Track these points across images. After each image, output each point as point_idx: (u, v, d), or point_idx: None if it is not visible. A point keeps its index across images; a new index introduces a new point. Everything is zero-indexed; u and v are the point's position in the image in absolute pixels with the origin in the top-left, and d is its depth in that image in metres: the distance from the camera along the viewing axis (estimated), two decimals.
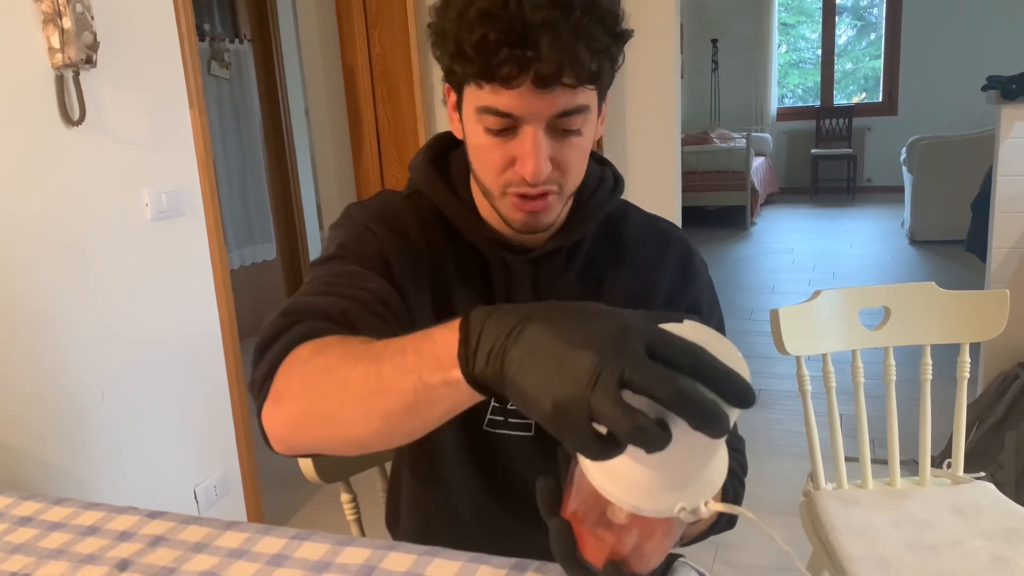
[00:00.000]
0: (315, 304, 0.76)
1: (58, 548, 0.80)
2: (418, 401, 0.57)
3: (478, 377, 0.53)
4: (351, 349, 0.64)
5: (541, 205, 0.81)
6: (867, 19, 8.42)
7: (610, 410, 0.46)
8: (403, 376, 0.57)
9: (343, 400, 0.62)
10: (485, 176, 0.82)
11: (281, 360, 0.70)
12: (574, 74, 0.73)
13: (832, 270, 5.25)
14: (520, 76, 0.72)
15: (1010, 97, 2.43)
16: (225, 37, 4.05)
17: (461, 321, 0.55)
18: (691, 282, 0.95)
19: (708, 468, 0.53)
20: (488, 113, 0.76)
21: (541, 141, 0.76)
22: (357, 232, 0.88)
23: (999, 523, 1.33)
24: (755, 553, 2.09)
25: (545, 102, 0.74)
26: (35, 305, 1.70)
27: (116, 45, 1.85)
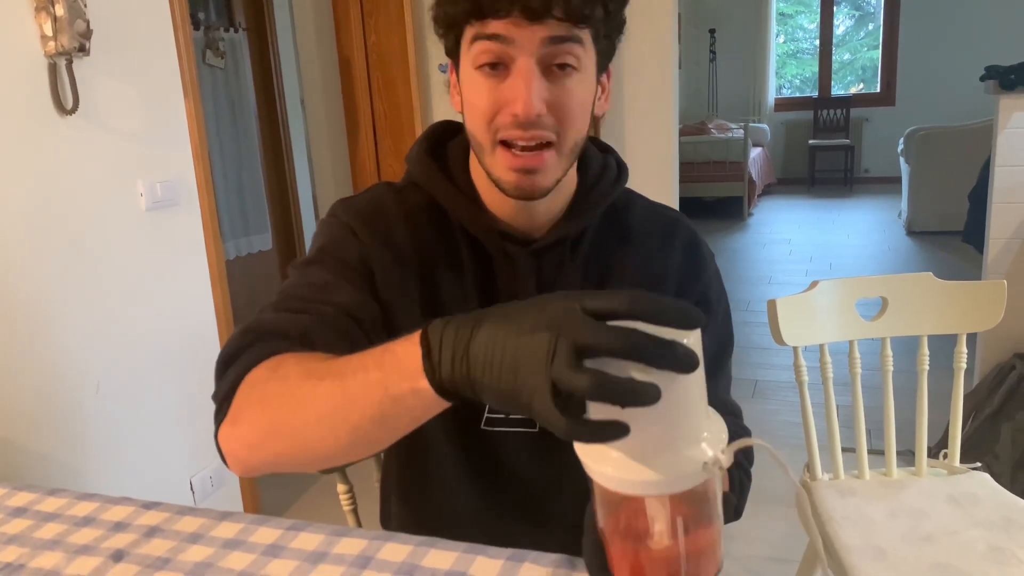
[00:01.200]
0: (276, 323, 0.77)
1: (53, 539, 0.80)
2: (384, 413, 0.59)
3: (446, 384, 0.54)
4: (311, 367, 0.65)
5: (536, 161, 0.78)
6: (865, 9, 8.40)
7: (568, 375, 0.47)
8: (368, 390, 0.59)
9: (307, 417, 0.63)
10: (477, 127, 0.79)
11: (239, 381, 0.71)
12: (563, 9, 0.73)
13: (829, 261, 5.25)
14: (509, 6, 0.72)
15: (1008, 87, 2.42)
16: (220, 26, 4.02)
17: (421, 334, 0.57)
18: (700, 272, 0.94)
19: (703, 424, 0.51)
20: (480, 40, 0.75)
21: (533, 72, 0.75)
22: (339, 234, 0.87)
23: (995, 513, 1.33)
24: (754, 544, 2.09)
25: (539, 30, 0.74)
26: (29, 296, 1.69)
27: (110, 33, 1.83)
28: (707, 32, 8.30)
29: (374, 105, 3.06)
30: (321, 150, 3.21)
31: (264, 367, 0.70)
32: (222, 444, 0.71)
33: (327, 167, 3.20)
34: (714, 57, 8.34)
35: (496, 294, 0.88)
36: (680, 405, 0.49)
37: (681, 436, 0.49)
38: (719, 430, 0.52)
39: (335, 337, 0.77)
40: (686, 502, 0.51)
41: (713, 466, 0.49)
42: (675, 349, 0.47)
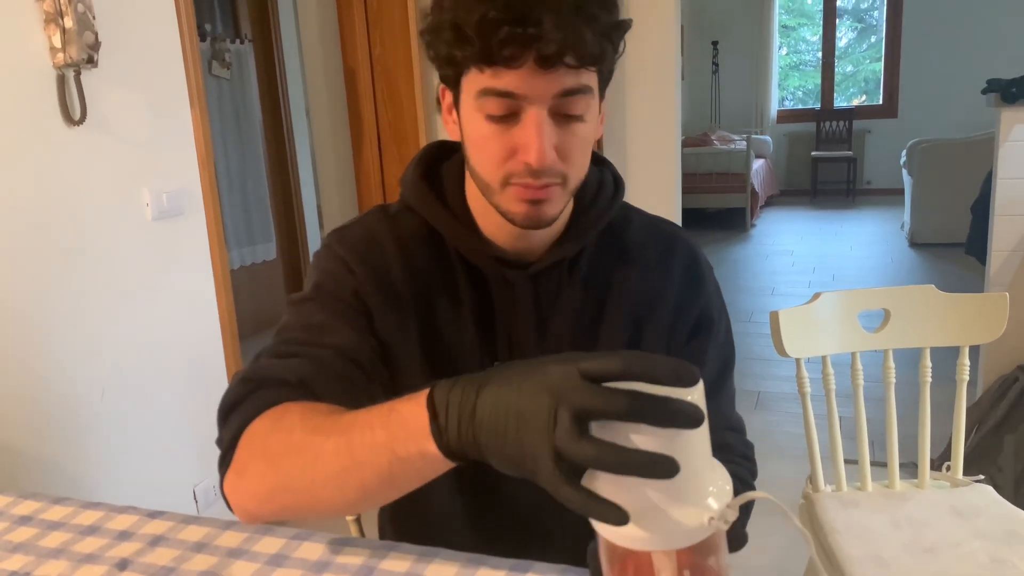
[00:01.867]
0: (274, 370, 0.78)
1: (57, 547, 0.80)
2: (393, 474, 0.60)
3: (453, 447, 0.55)
4: (317, 423, 0.66)
5: (544, 194, 0.77)
6: (868, 22, 8.42)
7: (571, 444, 0.48)
8: (376, 451, 0.60)
9: (315, 476, 0.64)
10: (485, 169, 0.78)
11: (241, 431, 0.72)
12: (577, 54, 0.71)
13: (832, 272, 5.25)
14: (522, 56, 0.70)
15: (1010, 100, 2.43)
16: (226, 37, 4.05)
17: (427, 397, 0.57)
18: (699, 289, 0.92)
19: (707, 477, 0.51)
20: (489, 95, 0.73)
21: (545, 124, 0.73)
22: (335, 269, 0.86)
23: (998, 525, 1.33)
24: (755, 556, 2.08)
25: (548, 81, 0.72)
26: (35, 304, 1.70)
27: (117, 45, 1.85)
28: (710, 44, 8.32)
29: (379, 115, 3.08)
30: (326, 160, 3.22)
31: (267, 418, 0.71)
32: (228, 495, 0.72)
33: (332, 177, 3.22)
34: (717, 69, 8.36)
35: (494, 320, 0.87)
36: (685, 460, 0.49)
37: (687, 491, 0.49)
38: (724, 482, 0.52)
39: (333, 381, 0.78)
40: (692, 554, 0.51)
41: (719, 520, 0.49)
42: (677, 407, 0.47)
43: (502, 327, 0.88)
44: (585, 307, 0.89)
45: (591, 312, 0.89)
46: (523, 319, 0.87)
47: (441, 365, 0.87)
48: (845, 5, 8.33)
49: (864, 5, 8.42)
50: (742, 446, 0.95)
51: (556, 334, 0.88)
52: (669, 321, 0.90)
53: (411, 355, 0.87)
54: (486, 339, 0.88)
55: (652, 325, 0.90)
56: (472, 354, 0.87)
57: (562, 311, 0.88)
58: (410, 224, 0.89)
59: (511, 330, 0.88)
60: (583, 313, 0.89)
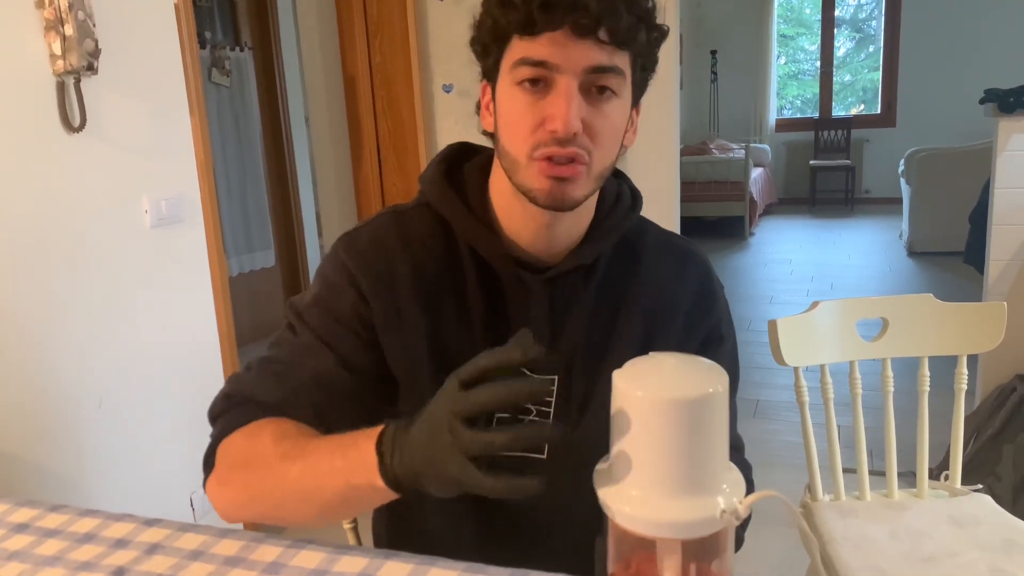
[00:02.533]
0: (255, 391, 0.84)
1: (54, 555, 0.80)
2: (348, 498, 0.70)
3: (400, 482, 0.65)
4: (286, 451, 0.74)
5: (569, 171, 0.78)
6: (866, 31, 8.46)
7: (469, 441, 0.58)
8: (334, 478, 0.69)
9: (283, 496, 0.75)
10: (514, 142, 0.80)
11: (219, 442, 0.82)
12: (610, 29, 0.75)
13: (830, 281, 5.25)
14: (560, 21, 0.74)
15: (1007, 110, 2.44)
16: (226, 45, 4.06)
17: (378, 439, 0.66)
18: (712, 306, 0.93)
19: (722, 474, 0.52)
20: (524, 64, 0.77)
21: (574, 93, 0.76)
22: (337, 282, 0.87)
23: (996, 535, 1.33)
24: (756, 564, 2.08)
25: (580, 51, 0.75)
26: (34, 311, 1.70)
27: (117, 52, 1.85)
28: (708, 53, 8.35)
29: (378, 124, 3.08)
30: (325, 168, 3.23)
31: (242, 435, 0.80)
32: (210, 498, 0.81)
33: (331, 185, 3.22)
34: (715, 78, 8.39)
35: (508, 323, 0.87)
36: (702, 453, 0.49)
37: (701, 483, 0.50)
38: (738, 484, 0.52)
39: (307, 407, 0.83)
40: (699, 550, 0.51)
41: (730, 515, 0.49)
42: (520, 387, 0.57)
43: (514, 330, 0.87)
44: (598, 315, 0.89)
45: (604, 320, 0.89)
46: (537, 323, 0.87)
47: (447, 369, 0.86)
48: (843, 15, 8.37)
49: (862, 15, 8.46)
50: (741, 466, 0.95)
51: (569, 339, 0.88)
52: (680, 334, 0.91)
53: (418, 361, 0.87)
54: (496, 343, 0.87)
55: (663, 337, 0.90)
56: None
57: (576, 317, 0.88)
58: (422, 222, 0.90)
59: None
60: (596, 321, 0.89)
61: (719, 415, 0.50)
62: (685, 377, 0.50)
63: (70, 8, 1.65)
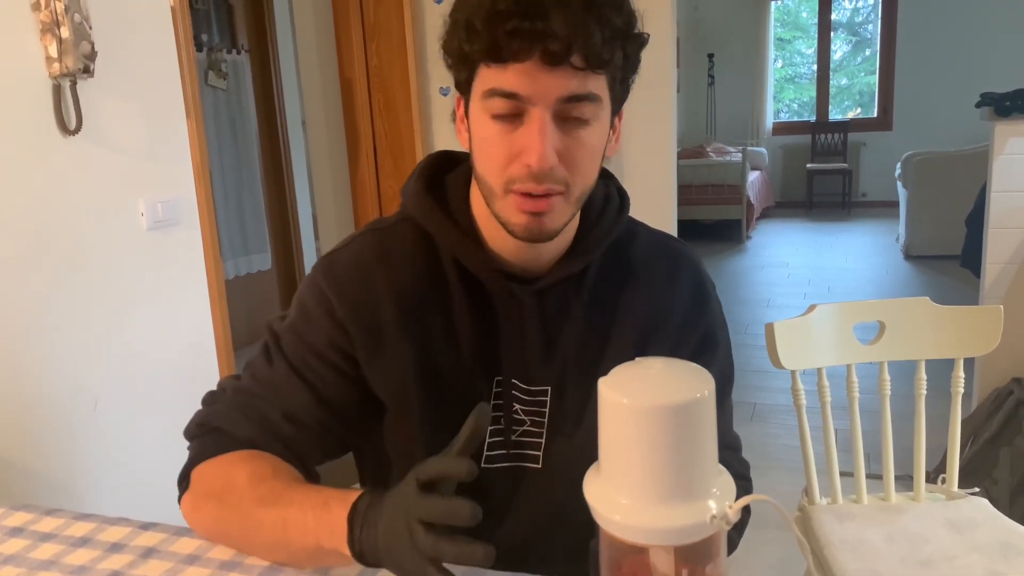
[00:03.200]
0: (226, 424, 0.86)
1: (49, 559, 0.80)
2: (315, 554, 0.72)
3: (366, 558, 0.67)
4: (261, 496, 0.76)
5: (544, 205, 0.76)
6: (862, 35, 8.48)
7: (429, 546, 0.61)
8: (304, 535, 0.71)
9: (253, 538, 0.77)
10: (489, 172, 0.77)
11: (194, 465, 0.85)
12: (584, 55, 0.70)
13: (827, 284, 5.26)
14: (529, 50, 0.70)
15: (1004, 114, 2.44)
16: (222, 48, 4.05)
17: (350, 512, 0.68)
18: (705, 308, 0.92)
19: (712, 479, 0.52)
20: (495, 96, 0.73)
21: (547, 125, 0.73)
22: (314, 313, 0.85)
23: (993, 538, 1.33)
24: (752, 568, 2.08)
25: (553, 81, 0.71)
26: (29, 313, 1.70)
27: (114, 55, 1.85)
28: (706, 56, 8.37)
29: (375, 126, 3.08)
30: (322, 171, 3.22)
31: (215, 466, 0.83)
32: (184, 516, 0.85)
33: (327, 188, 3.22)
34: (712, 81, 8.41)
35: (497, 337, 0.86)
36: (691, 459, 0.49)
37: (691, 489, 0.50)
38: (727, 487, 0.52)
39: (277, 443, 0.84)
40: (691, 556, 0.51)
41: (720, 520, 0.49)
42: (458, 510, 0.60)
43: (506, 344, 0.86)
44: (591, 323, 0.88)
45: (597, 329, 0.88)
46: (529, 335, 0.86)
47: (435, 388, 0.86)
48: (840, 18, 8.39)
49: (858, 18, 8.48)
50: (738, 464, 0.95)
51: (562, 351, 0.87)
52: (674, 338, 0.90)
53: (405, 384, 0.85)
54: (486, 357, 0.86)
55: (657, 342, 0.89)
56: (468, 375, 0.86)
57: (568, 327, 0.87)
58: (404, 239, 0.87)
59: (516, 345, 0.86)
60: (590, 330, 0.88)
61: (706, 420, 0.50)
62: (670, 383, 0.50)
63: (66, 11, 1.65)
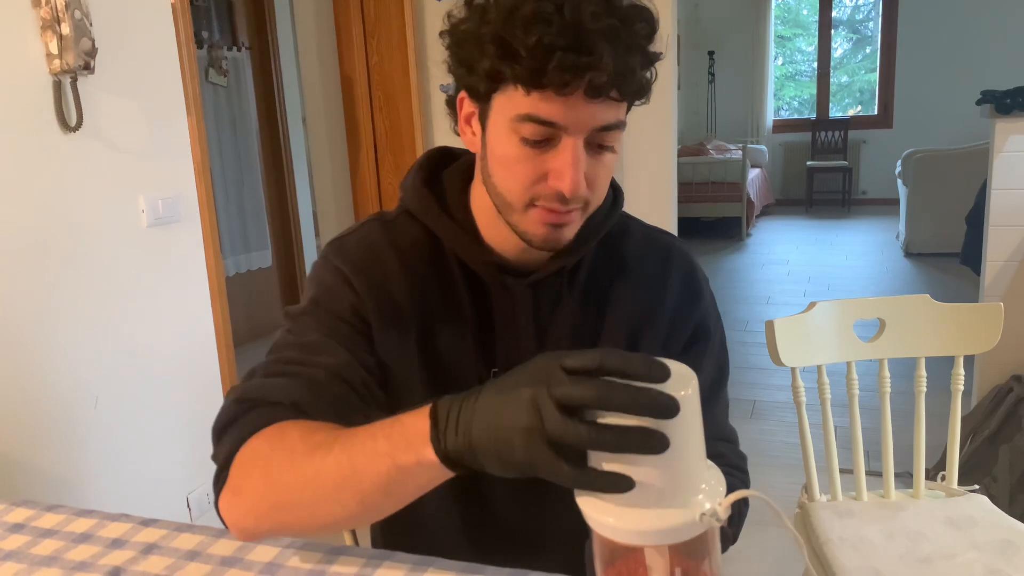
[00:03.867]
0: (268, 391, 0.78)
1: (50, 555, 0.80)
2: (391, 482, 0.62)
3: (451, 453, 0.57)
4: (318, 440, 0.67)
5: (567, 219, 0.78)
6: (863, 33, 8.47)
7: (561, 426, 0.50)
8: (376, 460, 0.62)
9: (315, 490, 0.66)
10: (510, 189, 0.78)
11: (236, 450, 0.73)
12: (625, 86, 0.72)
13: (827, 282, 5.26)
14: (574, 83, 0.70)
15: (1004, 111, 2.44)
16: (223, 45, 4.05)
17: (431, 407, 0.60)
18: (697, 301, 0.93)
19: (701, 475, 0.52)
20: (530, 121, 0.73)
21: (581, 154, 0.74)
22: (332, 283, 0.85)
23: (993, 535, 1.33)
24: (751, 564, 2.08)
25: (592, 112, 0.72)
26: (30, 310, 1.70)
27: (114, 52, 1.85)
28: (706, 54, 8.36)
29: (375, 123, 3.08)
30: (322, 168, 3.22)
31: (263, 437, 0.72)
32: (224, 514, 0.73)
33: (328, 185, 3.22)
34: (713, 79, 8.40)
35: (492, 328, 0.87)
36: (678, 457, 0.49)
37: (680, 487, 0.50)
38: (717, 482, 0.53)
39: (326, 403, 0.78)
40: (685, 552, 0.51)
41: (711, 518, 0.49)
42: (649, 395, 0.49)
43: (501, 335, 0.88)
44: (584, 317, 0.89)
45: (590, 322, 0.89)
46: (522, 328, 0.87)
47: (438, 375, 0.87)
48: (840, 16, 8.38)
49: (859, 16, 8.47)
50: (735, 457, 0.95)
51: (554, 343, 0.88)
52: (666, 331, 0.91)
53: (410, 366, 0.86)
54: (484, 348, 0.87)
55: (649, 335, 0.90)
56: (469, 363, 0.87)
57: (561, 321, 0.88)
58: (409, 231, 0.89)
59: (510, 338, 0.87)
60: (582, 323, 0.89)
61: (692, 418, 0.50)
62: None
63: (67, 7, 1.65)
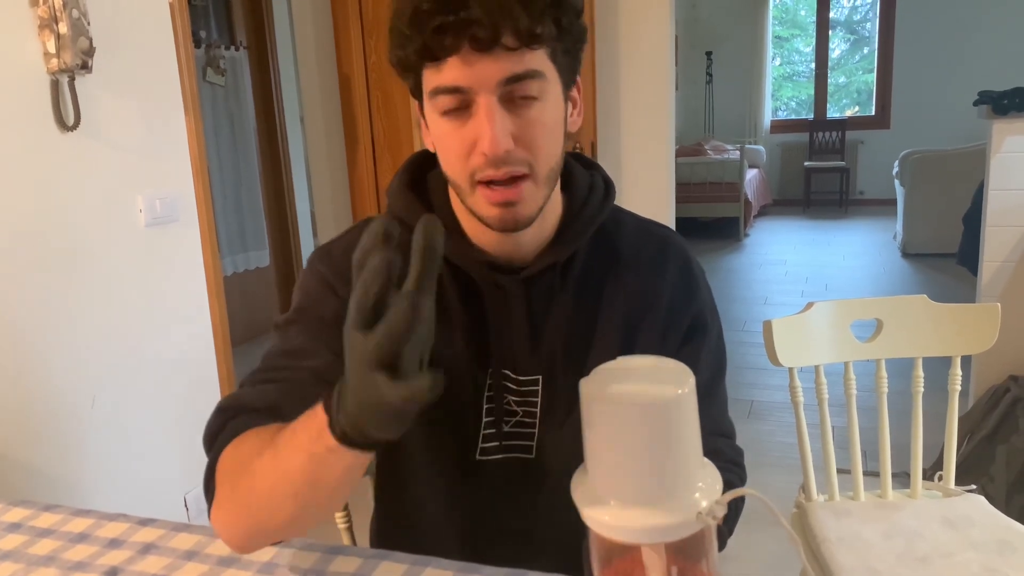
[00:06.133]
0: (246, 399, 0.79)
1: (48, 555, 0.80)
2: (313, 473, 0.62)
3: (347, 433, 0.58)
4: (260, 444, 0.68)
5: (513, 194, 0.76)
6: (860, 33, 8.48)
7: (371, 346, 0.53)
8: (296, 455, 0.62)
9: (259, 493, 0.66)
10: (452, 170, 0.79)
11: (215, 465, 0.74)
12: (513, 34, 0.71)
13: (825, 282, 5.27)
14: (458, 43, 0.70)
15: (1001, 112, 2.45)
16: (221, 44, 4.05)
17: (324, 399, 0.60)
18: (694, 293, 0.92)
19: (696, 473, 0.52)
20: (439, 94, 0.74)
21: (495, 110, 0.73)
22: (317, 290, 0.86)
23: (990, 535, 1.33)
24: (748, 564, 2.08)
25: (489, 66, 0.72)
26: (27, 309, 1.70)
27: (112, 51, 1.85)
28: (704, 54, 8.36)
29: (373, 123, 3.08)
30: (320, 167, 3.22)
31: (231, 448, 0.73)
32: (216, 530, 0.73)
33: (326, 184, 3.21)
34: (711, 79, 8.40)
35: (487, 329, 0.87)
36: (674, 456, 0.49)
37: (676, 486, 0.50)
38: (714, 480, 0.53)
39: (307, 405, 0.78)
40: (682, 551, 0.51)
41: (707, 516, 0.49)
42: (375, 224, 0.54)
43: (495, 334, 0.87)
44: (578, 312, 0.88)
45: (585, 317, 0.89)
46: (517, 325, 0.87)
47: None
48: (838, 17, 8.39)
49: (856, 17, 8.48)
50: (732, 452, 0.95)
51: (550, 339, 0.88)
52: (663, 324, 0.90)
53: None
54: (479, 349, 0.87)
55: (646, 328, 0.89)
56: (462, 365, 0.87)
57: (555, 316, 0.88)
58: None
59: (505, 336, 0.87)
60: (577, 318, 0.88)
61: (688, 416, 0.50)
62: (650, 381, 0.50)
63: (64, 6, 1.65)
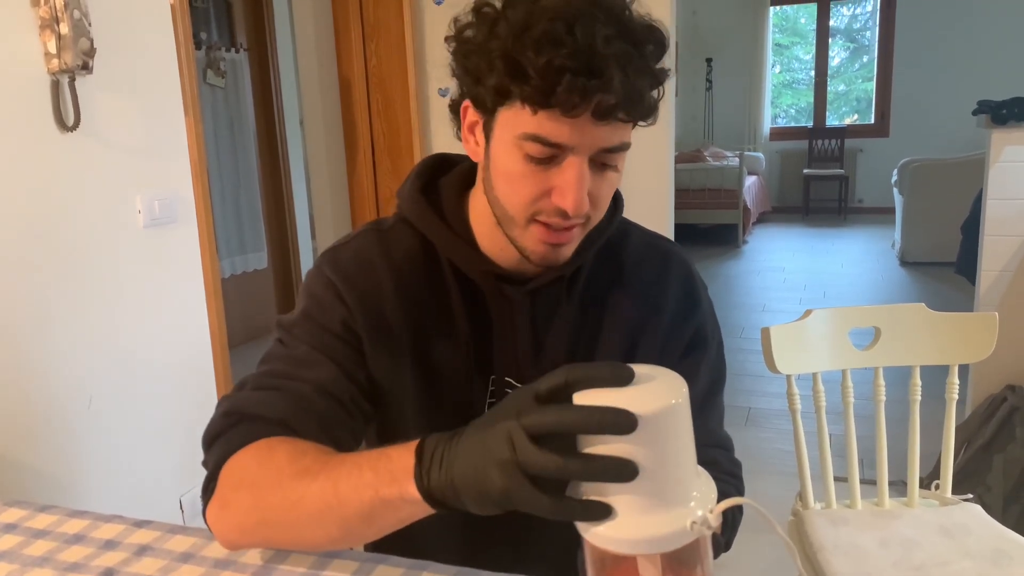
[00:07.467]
0: (256, 406, 0.79)
1: (43, 556, 0.79)
2: (374, 513, 0.63)
3: (433, 492, 0.58)
4: (306, 465, 0.69)
5: (566, 238, 0.78)
6: (860, 42, 8.50)
7: (535, 458, 0.52)
8: (360, 491, 0.63)
9: (299, 514, 0.67)
10: (512, 203, 0.78)
11: (223, 463, 0.75)
12: (633, 109, 0.72)
13: (823, 290, 5.27)
14: (582, 105, 0.70)
15: (1000, 122, 2.45)
16: (221, 46, 4.05)
17: (418, 444, 0.61)
18: (695, 308, 0.93)
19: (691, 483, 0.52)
20: (535, 141, 0.73)
21: (586, 175, 0.74)
22: (324, 297, 0.85)
23: (986, 544, 1.33)
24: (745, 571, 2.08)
25: (598, 133, 0.72)
26: (25, 310, 1.69)
27: (113, 52, 1.85)
28: (704, 61, 8.38)
29: (373, 126, 3.08)
30: (319, 170, 3.22)
31: (250, 453, 0.74)
32: (211, 525, 0.75)
33: (325, 187, 3.21)
34: (710, 86, 8.42)
35: (491, 338, 0.87)
36: (669, 466, 0.50)
37: (671, 496, 0.50)
38: (708, 489, 0.53)
39: (312, 419, 0.79)
40: (677, 560, 0.51)
41: (702, 526, 0.49)
42: (602, 413, 0.50)
43: (499, 344, 0.87)
44: (582, 324, 0.89)
45: (588, 329, 0.89)
46: (520, 336, 0.87)
47: (433, 387, 0.87)
48: (838, 25, 8.41)
49: (856, 25, 8.50)
50: (729, 463, 0.95)
51: (553, 351, 0.88)
52: (663, 338, 0.90)
53: (402, 379, 0.86)
54: (482, 358, 0.87)
55: (647, 342, 0.89)
56: (466, 374, 0.87)
57: (559, 328, 0.88)
58: (404, 240, 0.88)
59: (508, 347, 0.87)
60: (580, 330, 0.89)
61: (682, 425, 0.51)
62: (644, 392, 0.51)
63: (66, 7, 1.65)
